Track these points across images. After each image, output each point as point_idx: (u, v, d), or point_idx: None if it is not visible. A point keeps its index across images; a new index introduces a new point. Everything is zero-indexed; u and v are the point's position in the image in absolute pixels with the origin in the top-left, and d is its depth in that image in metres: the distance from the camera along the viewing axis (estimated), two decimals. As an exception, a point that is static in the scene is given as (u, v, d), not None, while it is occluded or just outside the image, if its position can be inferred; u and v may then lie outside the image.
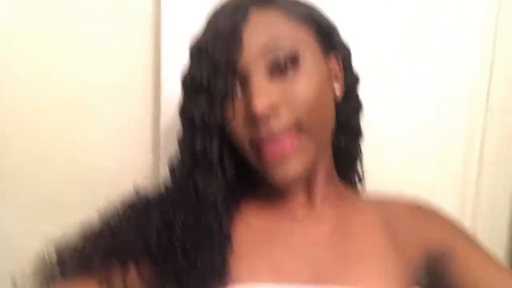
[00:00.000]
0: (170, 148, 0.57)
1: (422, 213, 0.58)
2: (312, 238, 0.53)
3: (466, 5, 0.78)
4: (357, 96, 0.61)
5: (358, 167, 0.65)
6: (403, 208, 0.58)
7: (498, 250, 0.82)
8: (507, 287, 0.51)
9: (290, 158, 0.48)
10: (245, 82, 0.49)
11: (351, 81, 0.59)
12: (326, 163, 0.56)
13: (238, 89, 0.50)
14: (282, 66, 0.48)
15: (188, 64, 0.52)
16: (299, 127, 0.48)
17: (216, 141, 0.50)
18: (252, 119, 0.48)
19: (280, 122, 0.48)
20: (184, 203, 0.51)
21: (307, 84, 0.49)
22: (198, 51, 0.50)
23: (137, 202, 0.53)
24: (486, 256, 0.54)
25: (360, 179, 0.65)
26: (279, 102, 0.47)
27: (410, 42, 0.79)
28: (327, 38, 0.54)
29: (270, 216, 0.55)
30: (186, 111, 0.52)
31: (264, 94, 0.47)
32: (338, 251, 0.52)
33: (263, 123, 0.47)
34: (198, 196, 0.51)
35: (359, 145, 0.63)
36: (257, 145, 0.49)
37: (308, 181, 0.55)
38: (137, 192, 0.54)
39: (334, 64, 0.55)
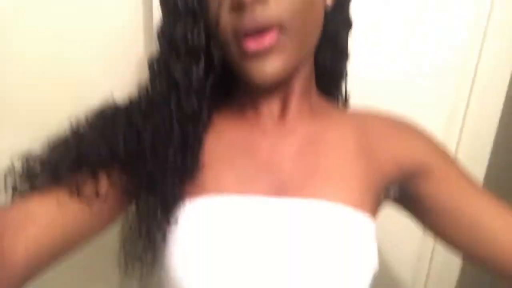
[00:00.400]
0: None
1: (402, 128, 0.56)
2: (280, 151, 0.52)
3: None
4: (348, 12, 0.59)
5: (343, 87, 0.63)
6: (383, 123, 0.56)
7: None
8: (479, 201, 0.52)
9: (270, 54, 0.47)
10: None
11: None
12: (305, 76, 0.54)
13: None
14: None
15: None
16: (282, 26, 0.47)
17: (200, 28, 0.48)
18: (238, 6, 0.46)
19: (266, 11, 0.46)
20: (156, 105, 0.49)
21: None
22: None
23: (105, 109, 0.52)
24: (461, 174, 0.54)
25: (344, 99, 0.64)
26: None
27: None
28: None
29: (242, 129, 0.54)
30: None
31: None
32: (304, 164, 0.51)
33: (249, 9, 0.45)
34: (174, 93, 0.49)
35: (345, 65, 0.62)
36: (239, 37, 0.47)
37: (283, 93, 0.53)
38: (108, 101, 0.52)
39: None
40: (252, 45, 0.46)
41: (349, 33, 0.60)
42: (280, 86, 0.52)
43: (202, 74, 0.49)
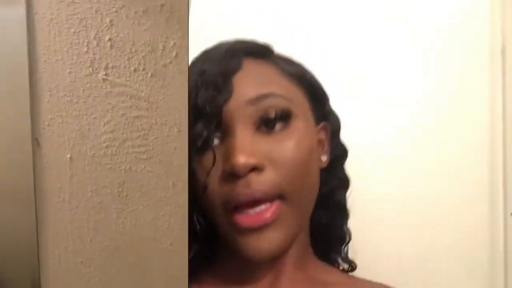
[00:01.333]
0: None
1: None
2: None
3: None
4: (343, 170, 0.55)
5: (343, 249, 0.56)
6: None
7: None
8: None
9: (269, 229, 0.42)
10: (227, 132, 0.43)
11: (338, 153, 0.53)
12: (301, 242, 0.48)
13: (219, 137, 0.44)
14: (272, 124, 0.43)
15: None
16: (281, 195, 0.42)
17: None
18: (231, 174, 0.41)
19: (262, 181, 0.41)
20: None
21: (296, 145, 0.43)
22: None
23: None
24: None
25: (349, 266, 0.56)
26: (264, 162, 0.42)
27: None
28: (320, 105, 0.50)
29: None
30: None
31: (249, 150, 0.41)
32: None
33: (243, 180, 0.41)
34: None
35: (344, 225, 0.55)
36: (231, 209, 0.42)
37: (277, 263, 0.47)
38: None
39: (323, 134, 0.51)
40: (246, 220, 0.41)
41: (346, 191, 0.55)
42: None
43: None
